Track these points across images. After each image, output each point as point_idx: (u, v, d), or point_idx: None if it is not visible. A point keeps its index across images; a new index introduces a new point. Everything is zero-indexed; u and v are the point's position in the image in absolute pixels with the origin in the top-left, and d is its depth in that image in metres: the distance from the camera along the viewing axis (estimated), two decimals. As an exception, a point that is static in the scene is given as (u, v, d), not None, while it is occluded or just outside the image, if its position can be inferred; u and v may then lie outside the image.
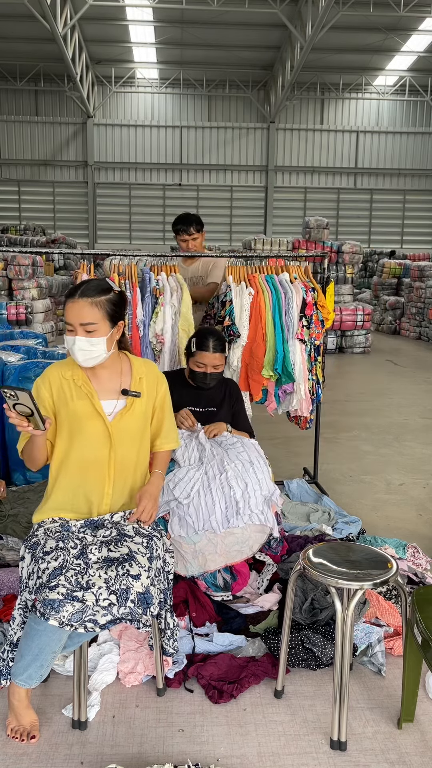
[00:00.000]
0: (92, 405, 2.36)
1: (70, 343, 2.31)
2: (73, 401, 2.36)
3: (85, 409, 2.36)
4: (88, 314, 2.28)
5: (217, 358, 3.33)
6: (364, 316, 12.48)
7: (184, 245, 4.34)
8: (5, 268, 12.34)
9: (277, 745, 2.25)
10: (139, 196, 24.92)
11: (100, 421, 2.36)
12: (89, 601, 2.09)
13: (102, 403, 2.38)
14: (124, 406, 2.41)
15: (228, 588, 3.05)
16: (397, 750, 2.23)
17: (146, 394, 2.46)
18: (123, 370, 2.45)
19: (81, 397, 2.36)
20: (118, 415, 2.39)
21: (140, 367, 2.50)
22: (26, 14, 16.22)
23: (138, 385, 2.44)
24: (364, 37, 19.42)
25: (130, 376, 2.45)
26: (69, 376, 2.38)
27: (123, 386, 2.42)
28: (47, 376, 2.40)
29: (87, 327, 2.28)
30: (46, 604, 2.05)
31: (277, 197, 25.05)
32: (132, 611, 2.13)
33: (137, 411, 2.43)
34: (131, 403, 2.41)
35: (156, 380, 2.51)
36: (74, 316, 2.28)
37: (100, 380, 2.41)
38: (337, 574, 2.19)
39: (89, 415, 2.36)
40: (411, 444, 6.05)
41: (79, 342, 2.28)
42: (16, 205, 24.90)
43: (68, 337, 2.32)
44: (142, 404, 2.44)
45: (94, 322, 2.28)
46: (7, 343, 5.19)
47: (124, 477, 2.45)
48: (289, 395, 4.18)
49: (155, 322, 3.86)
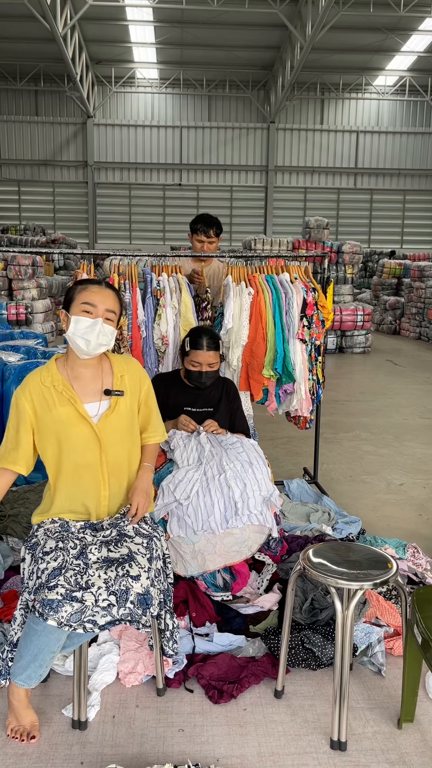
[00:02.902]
0: (76, 410, 2.32)
1: (88, 324, 2.27)
2: (56, 408, 2.31)
3: (69, 415, 2.32)
4: (113, 303, 2.34)
5: (211, 356, 3.32)
6: (364, 316, 12.48)
7: (199, 246, 4.20)
8: (5, 268, 12.34)
9: (277, 745, 2.25)
10: (139, 196, 24.93)
11: (86, 425, 2.33)
12: (88, 601, 2.09)
13: (85, 407, 2.35)
14: (109, 406, 2.38)
15: (228, 588, 3.05)
16: (397, 750, 2.23)
17: (129, 391, 2.43)
18: (104, 370, 2.43)
19: (63, 403, 2.32)
20: (104, 416, 2.36)
21: (121, 364, 2.47)
22: (26, 14, 16.23)
23: (120, 383, 2.41)
24: (364, 37, 19.42)
25: (112, 375, 2.43)
26: (49, 383, 2.34)
27: (105, 386, 2.39)
28: (27, 387, 2.35)
29: (108, 314, 2.31)
30: (44, 604, 2.05)
31: (277, 197, 25.06)
32: (131, 612, 2.13)
33: (122, 409, 2.40)
34: (115, 402, 2.38)
35: (138, 376, 2.49)
36: (102, 299, 2.31)
37: (81, 382, 2.37)
38: (337, 574, 2.19)
39: (74, 420, 2.32)
40: (411, 444, 6.05)
41: (102, 325, 2.28)
42: (16, 205, 24.91)
43: (86, 318, 2.27)
44: (127, 402, 2.42)
45: (114, 311, 2.34)
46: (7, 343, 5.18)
47: (118, 478, 2.44)
48: (289, 395, 4.18)
49: (158, 324, 3.85)
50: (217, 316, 4.03)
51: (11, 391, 4.28)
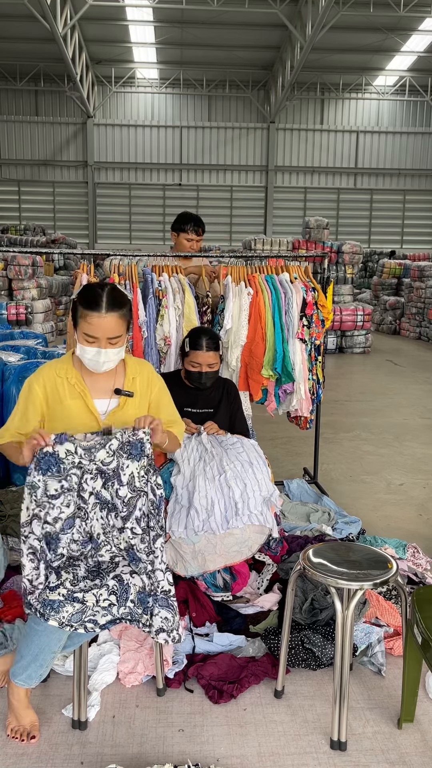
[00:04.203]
0: (85, 404, 2.35)
1: (93, 354, 2.27)
2: (67, 400, 2.35)
3: (78, 408, 2.35)
4: (116, 328, 2.28)
5: (211, 356, 3.31)
6: (364, 316, 12.48)
7: (188, 244, 4.23)
8: (5, 268, 12.34)
9: (277, 745, 2.25)
10: (139, 196, 24.92)
11: (92, 420, 2.36)
12: (89, 601, 2.09)
13: (95, 402, 2.37)
14: (117, 405, 2.40)
15: (228, 588, 3.05)
16: (397, 750, 2.23)
17: (139, 393, 2.45)
18: (117, 370, 2.44)
19: (74, 396, 2.36)
20: (111, 413, 2.39)
21: (134, 366, 2.49)
22: (26, 14, 16.22)
23: (131, 385, 2.43)
24: (364, 37, 19.41)
25: (124, 376, 2.45)
26: (63, 375, 2.37)
27: (116, 386, 2.41)
28: (41, 375, 2.38)
29: (112, 341, 2.28)
30: (45, 605, 2.05)
31: (277, 197, 25.05)
32: (132, 611, 2.13)
33: (130, 410, 2.41)
34: (124, 402, 2.40)
35: (149, 379, 2.50)
36: (102, 330, 2.25)
37: (94, 379, 2.40)
38: (337, 574, 2.19)
39: (82, 413, 2.35)
40: (411, 444, 6.05)
41: (106, 353, 2.27)
42: (16, 205, 24.90)
43: (89, 348, 2.27)
44: (135, 403, 2.43)
45: (120, 335, 2.30)
46: (7, 343, 5.19)
47: None
48: (289, 395, 4.18)
49: (161, 324, 3.85)
50: (218, 314, 4.02)
51: (11, 391, 4.28)
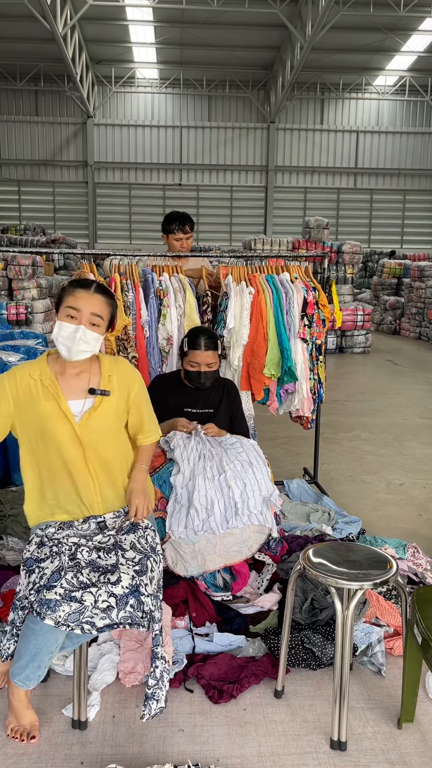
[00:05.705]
0: (59, 406, 2.31)
1: (70, 331, 2.25)
2: (40, 402, 2.31)
3: (52, 410, 2.31)
4: (100, 307, 2.30)
5: (209, 356, 3.30)
6: (364, 316, 12.48)
7: (178, 244, 4.20)
8: (5, 268, 12.34)
9: (277, 745, 2.25)
10: (139, 196, 24.92)
11: (66, 422, 2.32)
12: (87, 601, 2.08)
13: (69, 404, 2.33)
14: (92, 405, 2.36)
15: (228, 588, 3.05)
16: (397, 750, 2.23)
17: (117, 391, 2.41)
18: (92, 369, 2.41)
19: (48, 398, 2.32)
20: (86, 414, 2.34)
21: (110, 365, 2.45)
22: (26, 14, 16.22)
23: (107, 383, 2.39)
24: (364, 37, 19.42)
25: (99, 375, 2.41)
26: (37, 377, 2.33)
27: (91, 385, 2.38)
28: (14, 374, 2.34)
29: (94, 319, 2.28)
30: (42, 603, 2.05)
31: (277, 197, 25.05)
32: (131, 615, 2.12)
33: (107, 410, 2.38)
34: (99, 401, 2.36)
35: (127, 377, 2.46)
36: (87, 304, 2.27)
37: (68, 380, 2.36)
38: (337, 574, 2.19)
39: (56, 416, 2.31)
40: (411, 444, 6.05)
41: (83, 331, 2.26)
42: (16, 205, 24.91)
43: (68, 324, 2.26)
44: (113, 402, 2.39)
45: (101, 316, 2.31)
46: (7, 343, 5.18)
47: (111, 477, 2.42)
48: (290, 395, 4.18)
49: (164, 324, 3.85)
50: (220, 312, 4.01)
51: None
